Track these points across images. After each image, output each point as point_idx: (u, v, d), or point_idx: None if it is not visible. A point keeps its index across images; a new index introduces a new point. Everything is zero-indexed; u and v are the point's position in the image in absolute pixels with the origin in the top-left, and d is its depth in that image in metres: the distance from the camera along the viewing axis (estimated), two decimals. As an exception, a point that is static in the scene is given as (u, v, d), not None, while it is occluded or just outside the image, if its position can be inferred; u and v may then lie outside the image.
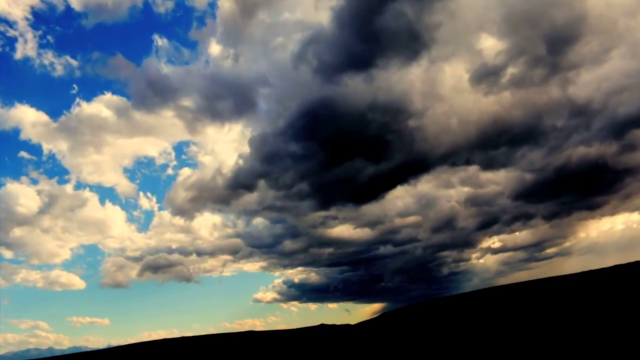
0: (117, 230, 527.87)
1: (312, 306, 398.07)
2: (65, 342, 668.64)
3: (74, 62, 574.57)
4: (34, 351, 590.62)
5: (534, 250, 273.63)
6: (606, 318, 39.22)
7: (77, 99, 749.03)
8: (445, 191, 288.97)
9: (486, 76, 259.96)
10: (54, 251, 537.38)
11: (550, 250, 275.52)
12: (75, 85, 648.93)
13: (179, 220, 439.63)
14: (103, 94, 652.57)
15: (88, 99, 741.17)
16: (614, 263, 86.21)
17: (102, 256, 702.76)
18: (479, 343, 41.17)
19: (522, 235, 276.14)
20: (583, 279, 78.33)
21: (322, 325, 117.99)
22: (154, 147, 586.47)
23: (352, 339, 71.28)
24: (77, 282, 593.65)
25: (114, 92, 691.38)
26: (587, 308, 48.18)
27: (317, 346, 69.21)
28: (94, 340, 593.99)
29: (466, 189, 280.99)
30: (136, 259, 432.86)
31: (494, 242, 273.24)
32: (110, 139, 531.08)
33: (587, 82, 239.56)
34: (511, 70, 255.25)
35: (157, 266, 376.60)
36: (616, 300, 48.16)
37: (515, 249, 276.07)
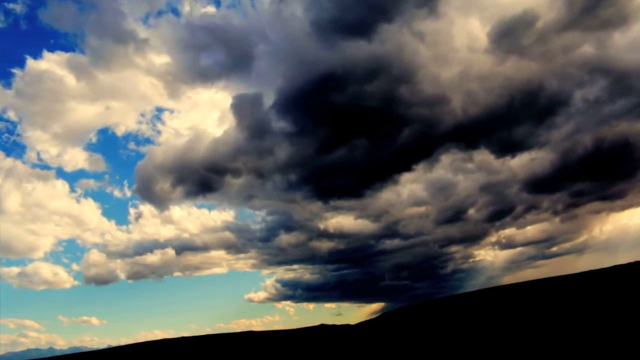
0: (94, 223, 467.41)
1: (310, 305, 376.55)
2: (59, 343, 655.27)
3: (17, 7, 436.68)
4: (34, 352, 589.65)
5: (543, 247, 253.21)
6: (606, 320, 39.29)
7: (24, 57, 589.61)
8: (453, 178, 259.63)
9: (510, 31, 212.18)
10: (31, 245, 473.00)
11: (561, 247, 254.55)
12: (19, 40, 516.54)
13: (159, 212, 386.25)
14: (53, 51, 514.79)
15: (35, 56, 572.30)
16: (624, 262, 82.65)
17: (81, 252, 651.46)
18: (480, 344, 41.27)
19: (532, 230, 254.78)
20: (582, 279, 78.22)
21: (322, 326, 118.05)
22: (125, 117, 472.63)
23: (352, 339, 71.35)
24: (60, 279, 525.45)
25: (66, 49, 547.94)
26: (585, 309, 48.22)
27: (317, 346, 69.28)
28: (88, 340, 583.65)
29: (477, 176, 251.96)
30: (120, 255, 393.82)
31: (502, 237, 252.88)
32: (72, 105, 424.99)
33: (634, 39, 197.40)
34: (543, 21, 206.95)
35: (143, 264, 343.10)
36: (614, 301, 48.20)
37: (524, 244, 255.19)
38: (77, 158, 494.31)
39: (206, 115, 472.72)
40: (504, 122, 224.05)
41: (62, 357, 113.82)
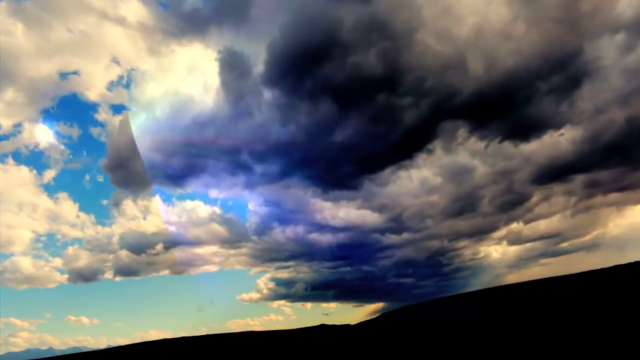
0: (72, 216, 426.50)
1: (307, 305, 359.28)
2: (54, 342, 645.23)
3: None
4: (34, 352, 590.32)
5: (553, 243, 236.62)
6: (606, 321, 39.46)
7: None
8: (461, 165, 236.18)
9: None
10: (8, 238, 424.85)
11: (572, 243, 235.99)
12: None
13: (138, 199, 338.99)
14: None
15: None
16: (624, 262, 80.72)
17: (63, 246, 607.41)
18: (479, 344, 41.50)
19: (542, 225, 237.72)
20: (583, 279, 78.27)
21: (322, 326, 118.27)
22: (91, 80, 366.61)
23: (352, 339, 71.60)
24: (45, 276, 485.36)
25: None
26: (584, 312, 48.39)
27: (317, 346, 69.51)
28: (83, 340, 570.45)
29: (489, 163, 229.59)
30: (105, 251, 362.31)
31: (511, 232, 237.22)
32: (30, 66, 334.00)
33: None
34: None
35: (131, 260, 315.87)
36: (614, 302, 48.37)
37: (533, 240, 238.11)
38: (37, 133, 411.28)
39: (191, 77, 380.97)
40: (520, 98, 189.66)
41: (62, 357, 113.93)
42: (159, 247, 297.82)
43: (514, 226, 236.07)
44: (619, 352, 27.93)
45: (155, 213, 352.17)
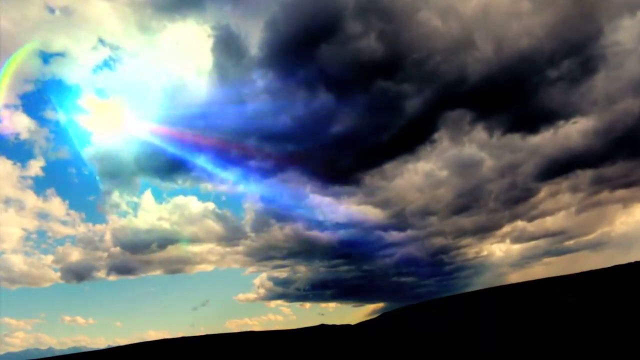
0: (61, 212, 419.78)
1: (306, 305, 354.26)
2: (51, 342, 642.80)
3: None
4: (34, 352, 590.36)
5: (557, 241, 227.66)
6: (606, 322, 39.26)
7: None
8: (461, 160, 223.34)
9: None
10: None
11: (577, 241, 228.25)
12: None
13: (131, 197, 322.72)
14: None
15: None
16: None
17: (53, 245, 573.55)
18: (480, 344, 41.33)
19: (546, 222, 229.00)
20: (584, 278, 78.02)
21: (322, 326, 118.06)
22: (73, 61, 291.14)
23: (352, 339, 71.42)
24: (38, 275, 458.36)
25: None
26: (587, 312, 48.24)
27: (317, 346, 69.35)
28: (81, 340, 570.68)
29: (491, 156, 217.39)
30: (99, 249, 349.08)
31: (514, 229, 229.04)
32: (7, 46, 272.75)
33: None
34: None
35: (125, 259, 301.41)
36: (615, 302, 48.18)
37: (535, 238, 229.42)
38: (16, 120, 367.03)
39: (184, 57, 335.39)
40: (529, 85, 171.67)
41: (62, 357, 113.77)
42: (153, 245, 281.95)
43: (518, 223, 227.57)
44: (620, 352, 27.71)
45: (147, 209, 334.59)
